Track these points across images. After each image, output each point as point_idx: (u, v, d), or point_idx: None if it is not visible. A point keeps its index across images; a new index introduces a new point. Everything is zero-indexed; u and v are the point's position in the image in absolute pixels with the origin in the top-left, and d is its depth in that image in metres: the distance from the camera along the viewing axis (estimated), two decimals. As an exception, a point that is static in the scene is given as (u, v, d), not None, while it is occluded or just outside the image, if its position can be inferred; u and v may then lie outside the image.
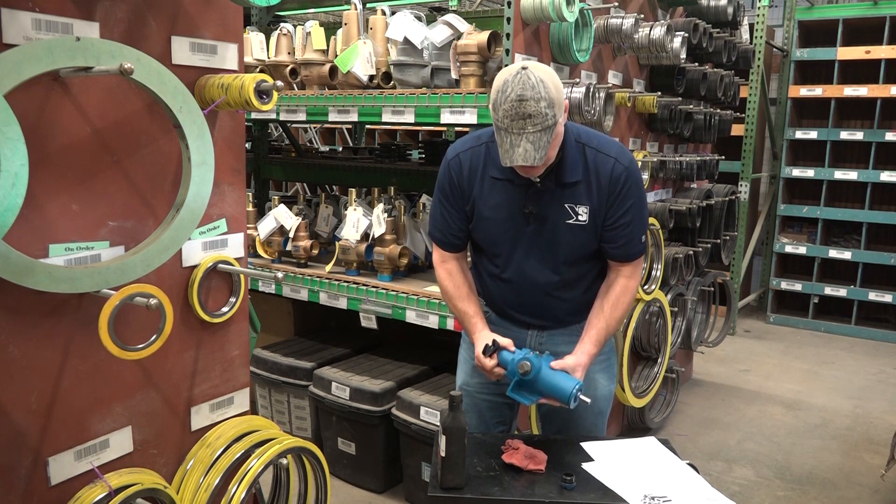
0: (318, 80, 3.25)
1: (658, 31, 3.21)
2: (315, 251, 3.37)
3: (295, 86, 3.38)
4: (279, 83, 1.67)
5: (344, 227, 3.16)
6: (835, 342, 5.87)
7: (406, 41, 2.87)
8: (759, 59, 5.56)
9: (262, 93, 1.65)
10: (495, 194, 2.01)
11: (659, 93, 3.48)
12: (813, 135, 6.08)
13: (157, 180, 1.66)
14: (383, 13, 3.05)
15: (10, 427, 1.44)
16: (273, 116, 3.44)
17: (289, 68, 3.36)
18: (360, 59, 3.00)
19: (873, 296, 5.90)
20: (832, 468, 3.60)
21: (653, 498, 1.72)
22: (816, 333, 6.11)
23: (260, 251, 3.45)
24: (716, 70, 3.99)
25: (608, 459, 1.91)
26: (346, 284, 3.14)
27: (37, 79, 1.33)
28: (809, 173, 6.11)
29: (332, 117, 3.12)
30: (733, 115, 4.42)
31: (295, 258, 3.40)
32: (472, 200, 2.04)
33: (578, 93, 2.71)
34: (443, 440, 1.74)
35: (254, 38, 3.41)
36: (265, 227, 3.39)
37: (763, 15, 5.53)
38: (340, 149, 6.09)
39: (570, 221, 1.98)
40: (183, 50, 1.67)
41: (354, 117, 3.04)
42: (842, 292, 6.04)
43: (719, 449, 3.78)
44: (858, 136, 5.88)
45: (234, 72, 1.79)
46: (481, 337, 2.04)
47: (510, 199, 2.00)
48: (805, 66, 6.24)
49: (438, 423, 2.67)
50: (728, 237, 4.29)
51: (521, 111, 1.73)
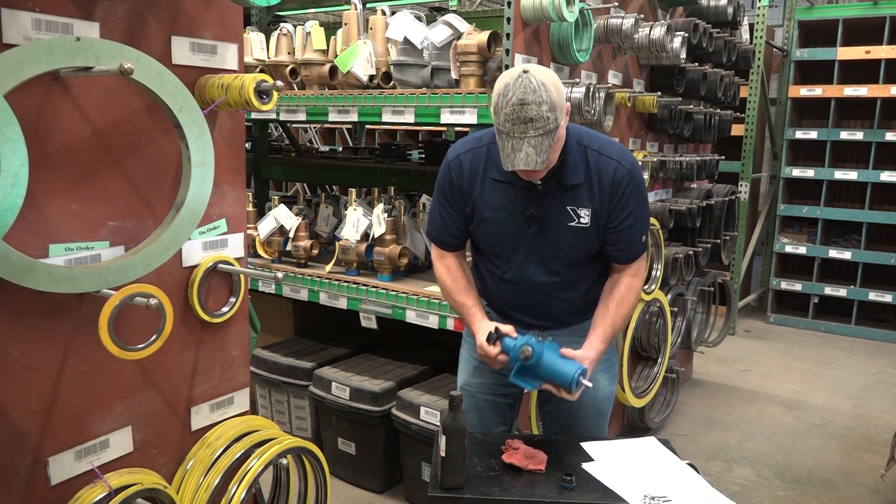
0: (318, 80, 3.25)
1: (658, 31, 3.21)
2: (315, 251, 3.37)
3: (295, 86, 3.38)
4: (279, 83, 1.67)
5: (344, 227, 3.16)
6: (835, 342, 5.86)
7: (406, 41, 2.87)
8: (759, 59, 5.56)
9: (262, 93, 1.65)
10: (496, 196, 2.00)
11: (659, 93, 3.48)
12: (813, 135, 6.08)
13: (157, 180, 1.66)
14: (383, 13, 3.05)
15: (10, 427, 1.44)
16: (273, 116, 3.44)
17: (289, 68, 3.36)
18: (360, 59, 3.00)
19: (873, 296, 5.90)
20: (832, 468, 3.60)
21: (653, 498, 1.72)
22: (816, 333, 6.10)
23: (260, 251, 3.45)
24: (716, 70, 3.98)
25: (608, 459, 1.91)
26: (346, 284, 3.14)
27: (37, 79, 1.33)
28: (809, 173, 6.11)
29: (332, 117, 3.12)
30: (733, 115, 4.42)
31: (295, 258, 3.40)
32: (472, 202, 2.04)
33: (578, 93, 2.71)
34: (443, 440, 1.74)
35: (254, 38, 3.41)
36: (265, 227, 3.39)
37: (763, 15, 5.53)
38: (340, 149, 6.09)
39: (572, 224, 1.98)
40: (183, 50, 1.67)
41: (354, 117, 3.05)
42: (842, 292, 6.04)
43: (719, 449, 3.78)
44: (858, 136, 5.88)
45: (234, 72, 1.79)
46: (482, 327, 2.02)
47: (511, 201, 1.99)
48: (805, 66, 6.24)
49: (438, 423, 2.67)
50: (728, 237, 4.29)
51: (523, 115, 1.72)
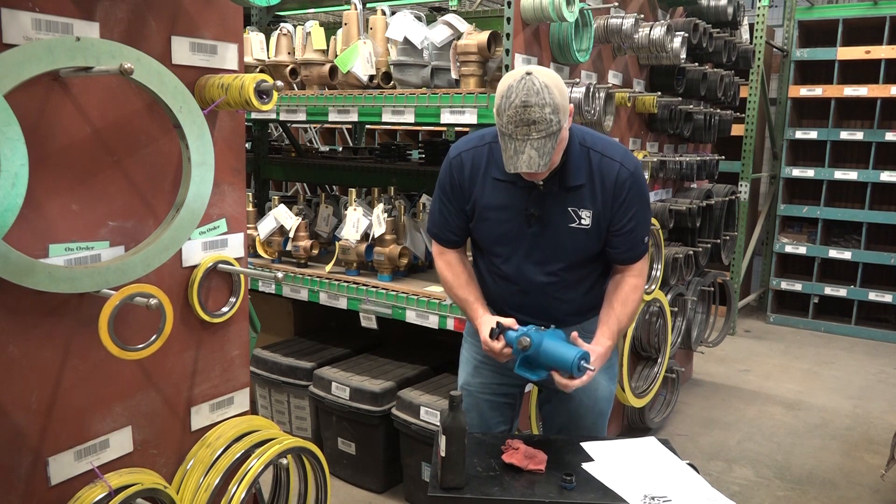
0: (318, 80, 3.24)
1: (658, 31, 3.21)
2: (315, 251, 3.37)
3: (295, 86, 3.38)
4: (279, 83, 1.67)
5: (344, 227, 3.16)
6: (835, 342, 5.86)
7: (406, 41, 2.87)
8: (759, 59, 5.56)
9: (262, 93, 1.65)
10: (497, 195, 2.00)
11: (659, 93, 3.48)
12: (813, 135, 6.08)
13: (157, 180, 1.66)
14: (383, 13, 3.04)
15: (10, 427, 1.44)
16: (273, 116, 3.44)
17: (289, 68, 3.36)
18: (360, 59, 3.00)
19: (873, 296, 5.90)
20: (832, 468, 3.60)
21: (653, 498, 1.72)
22: (816, 333, 6.10)
23: (260, 251, 3.45)
24: (716, 70, 3.98)
25: (608, 459, 1.91)
26: (346, 284, 3.14)
27: (37, 79, 1.33)
28: (809, 173, 6.11)
29: (332, 117, 3.12)
30: (733, 115, 4.42)
31: (295, 258, 3.39)
32: (472, 200, 2.04)
33: (578, 93, 2.71)
34: (443, 440, 1.74)
35: (254, 38, 3.41)
36: (265, 227, 3.39)
37: (763, 15, 5.53)
38: (340, 149, 6.09)
39: (573, 225, 1.97)
40: (183, 50, 1.67)
41: (354, 117, 3.04)
42: (842, 292, 6.04)
43: (719, 449, 3.78)
44: (858, 136, 5.88)
45: (234, 72, 1.79)
46: (484, 322, 2.01)
47: (513, 201, 1.98)
48: (805, 66, 6.24)
49: (438, 423, 2.67)
50: (728, 237, 4.29)
51: (526, 117, 1.72)
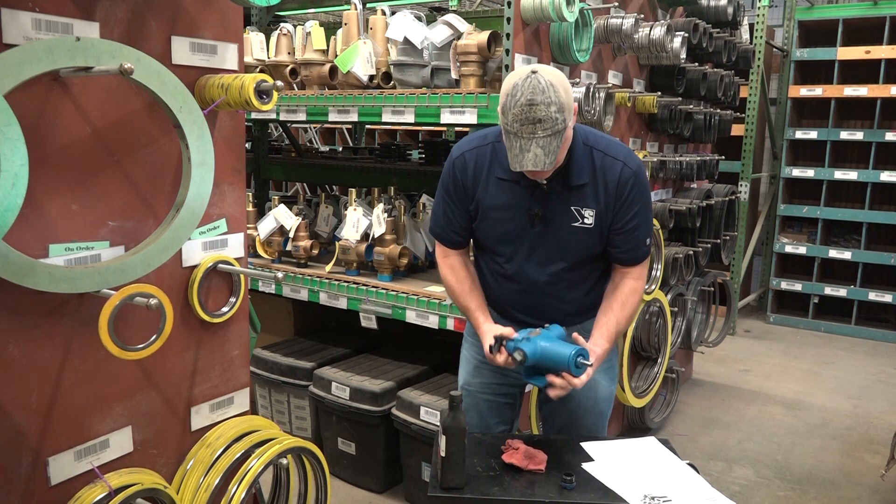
0: (318, 80, 3.24)
1: (658, 31, 3.21)
2: (315, 251, 3.37)
3: (295, 86, 3.38)
4: (279, 83, 1.67)
5: (344, 227, 3.16)
6: (835, 342, 5.87)
7: (406, 41, 2.87)
8: (759, 59, 5.56)
9: (262, 93, 1.65)
10: (501, 195, 2.00)
11: (659, 93, 3.48)
12: (813, 135, 6.08)
13: (157, 180, 1.66)
14: (383, 13, 3.04)
15: (10, 427, 1.44)
16: (273, 116, 3.44)
17: (289, 68, 3.36)
18: (360, 59, 3.00)
19: (873, 296, 5.90)
20: (832, 468, 3.60)
21: (653, 498, 1.72)
22: (816, 333, 6.10)
23: (260, 251, 3.45)
24: (716, 70, 3.99)
25: (608, 459, 1.91)
26: (346, 284, 3.14)
27: (37, 79, 1.33)
28: (809, 173, 6.11)
29: (332, 117, 3.12)
30: (733, 115, 4.42)
31: (295, 258, 3.39)
32: (475, 200, 2.03)
33: (578, 93, 2.71)
34: (443, 440, 1.74)
35: (254, 38, 3.41)
36: (265, 227, 3.39)
37: (763, 15, 5.53)
38: (340, 149, 6.09)
39: (576, 224, 1.97)
40: (183, 50, 1.67)
41: (354, 117, 3.04)
42: (842, 292, 6.04)
43: (719, 449, 3.78)
44: (858, 136, 5.88)
45: (234, 72, 1.79)
46: (486, 331, 2.02)
47: (516, 200, 1.98)
48: (805, 66, 6.24)
49: (438, 423, 2.67)
50: (728, 237, 4.29)
51: (531, 116, 1.72)
